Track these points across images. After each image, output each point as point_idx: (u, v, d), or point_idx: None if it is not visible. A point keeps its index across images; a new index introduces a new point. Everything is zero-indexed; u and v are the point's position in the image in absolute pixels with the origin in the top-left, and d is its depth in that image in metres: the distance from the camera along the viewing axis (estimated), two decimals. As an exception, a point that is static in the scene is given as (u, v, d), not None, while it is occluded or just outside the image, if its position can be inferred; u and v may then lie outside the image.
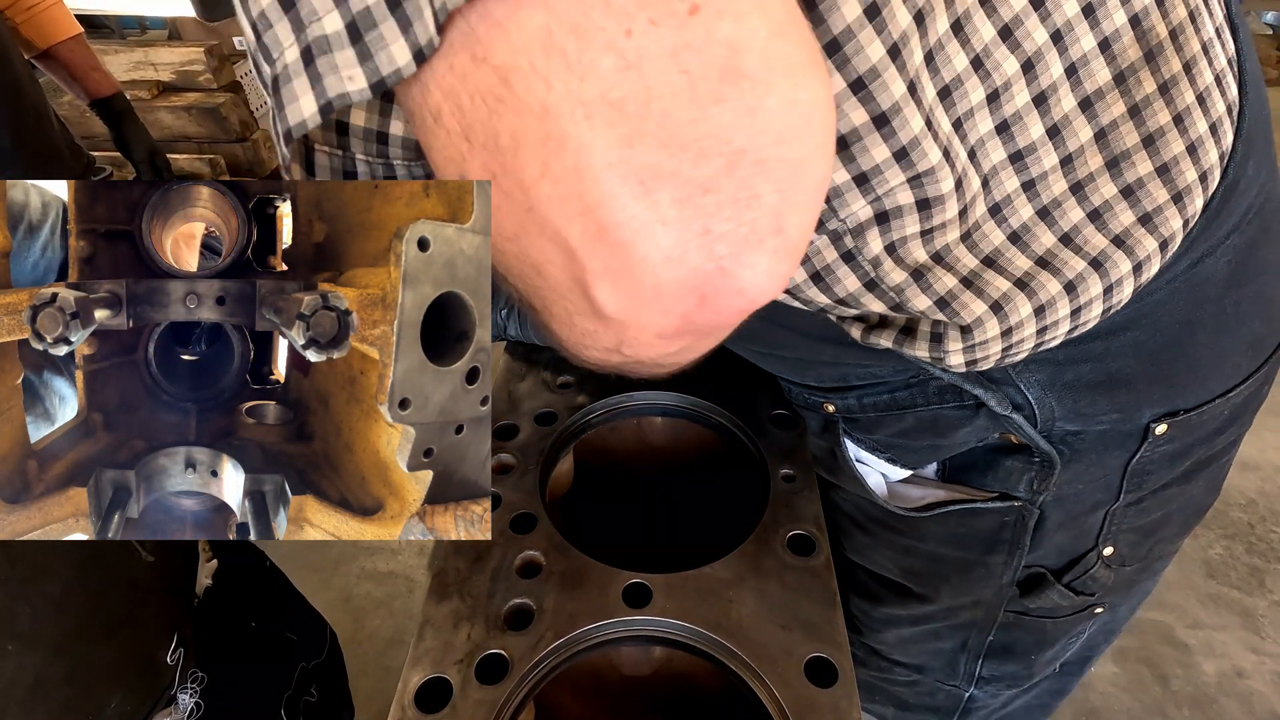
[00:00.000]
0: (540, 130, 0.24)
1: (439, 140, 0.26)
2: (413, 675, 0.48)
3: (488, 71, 0.24)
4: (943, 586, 0.72)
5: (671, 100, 0.23)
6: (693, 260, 0.25)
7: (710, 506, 0.82)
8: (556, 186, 0.25)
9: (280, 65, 0.26)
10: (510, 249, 0.28)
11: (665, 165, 0.24)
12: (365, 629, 1.76)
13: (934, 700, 0.87)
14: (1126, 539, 0.66)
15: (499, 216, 0.27)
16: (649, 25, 0.22)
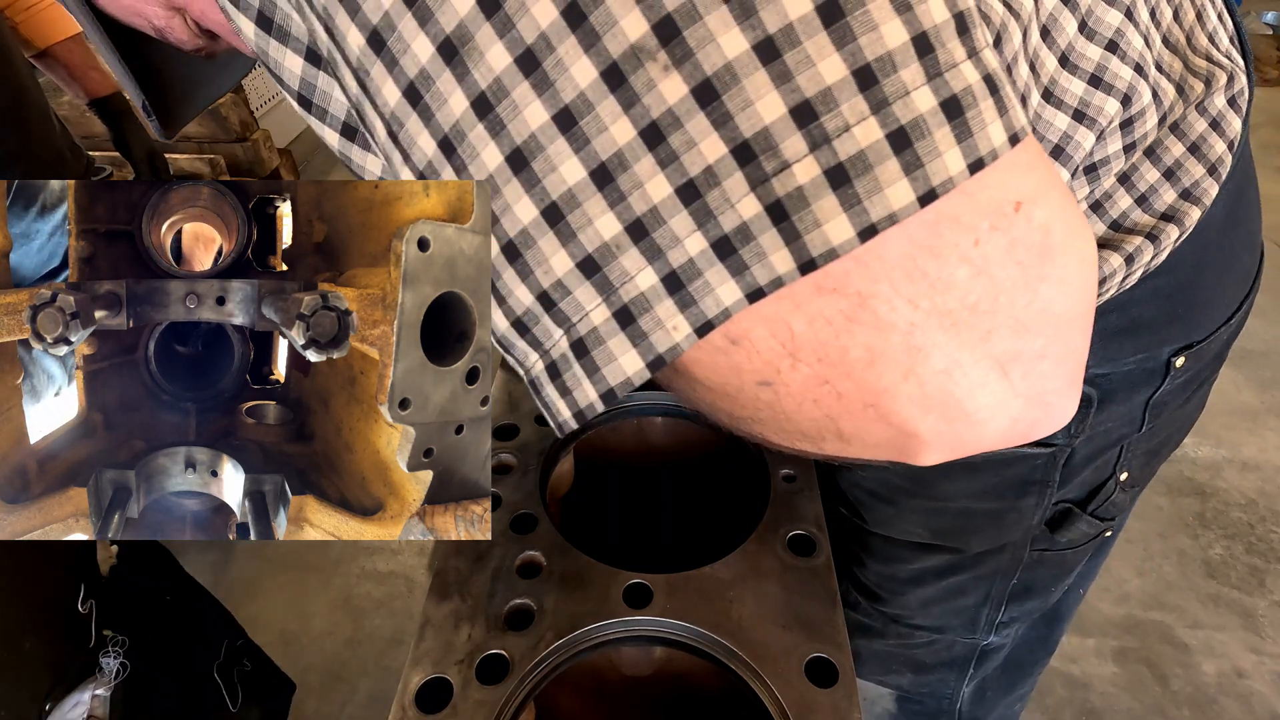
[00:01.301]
0: (905, 343, 0.27)
1: (732, 359, 0.29)
2: (413, 675, 0.48)
3: (838, 299, 0.26)
4: (974, 538, 0.74)
5: (1013, 291, 0.26)
6: (1030, 417, 0.29)
7: (710, 506, 0.82)
8: (921, 388, 0.27)
9: (584, 328, 0.28)
10: (806, 424, 0.31)
11: (1014, 348, 0.27)
12: (365, 629, 1.76)
13: (951, 654, 0.89)
14: (1138, 462, 0.70)
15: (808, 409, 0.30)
16: (990, 231, 0.26)
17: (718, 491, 0.81)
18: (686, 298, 0.27)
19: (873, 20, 0.23)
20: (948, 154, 0.24)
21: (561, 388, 0.31)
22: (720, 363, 0.29)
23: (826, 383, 0.29)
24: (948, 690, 0.95)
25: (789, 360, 0.29)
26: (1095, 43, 0.44)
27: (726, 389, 0.31)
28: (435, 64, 0.26)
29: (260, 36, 0.34)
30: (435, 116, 0.27)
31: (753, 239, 0.26)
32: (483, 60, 0.25)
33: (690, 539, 0.73)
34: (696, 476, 0.81)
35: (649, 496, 0.85)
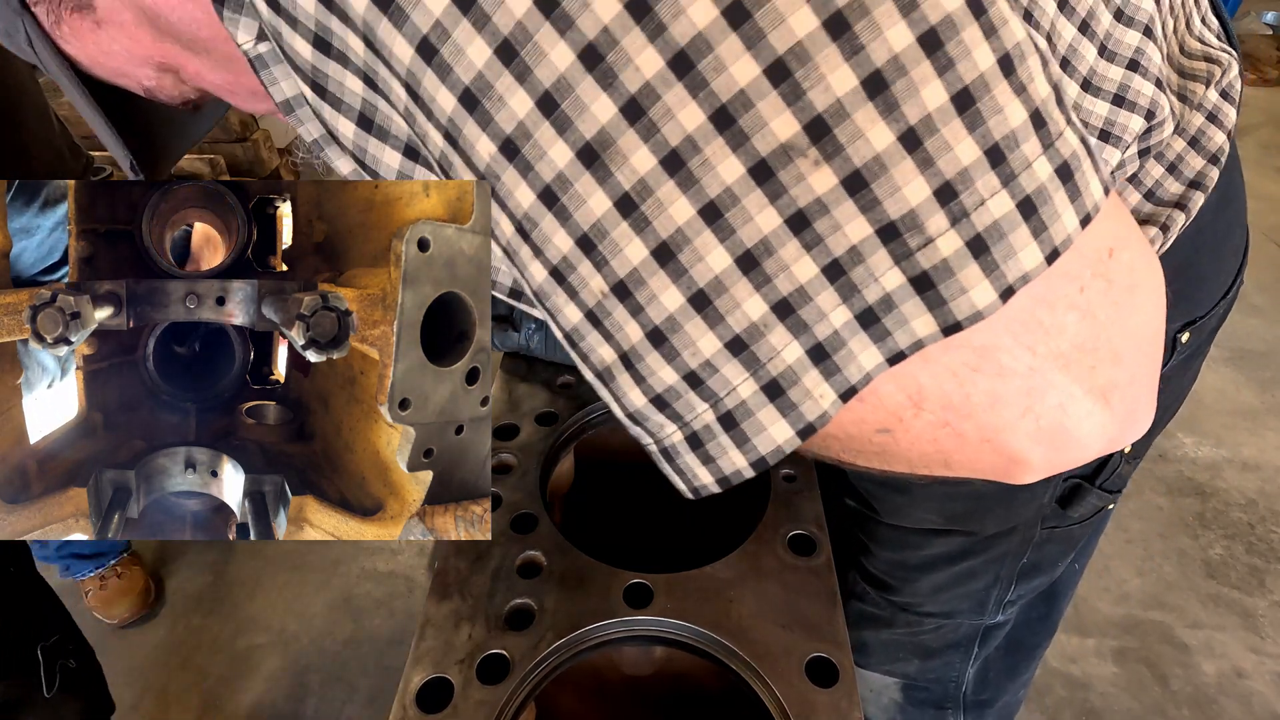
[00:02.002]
0: (1024, 385, 0.30)
1: (857, 414, 0.32)
2: (414, 675, 0.48)
3: (964, 352, 0.30)
4: (987, 519, 0.75)
5: (1110, 327, 0.30)
6: (1122, 434, 0.33)
7: (711, 506, 0.82)
8: (1037, 422, 0.31)
9: (732, 402, 0.31)
10: (916, 457, 0.34)
11: (1113, 377, 0.31)
12: (365, 629, 1.76)
13: (957, 636, 0.90)
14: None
15: (923, 447, 0.33)
16: (1092, 278, 0.29)
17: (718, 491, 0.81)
18: (831, 367, 0.30)
19: (998, 104, 0.26)
20: (1065, 214, 0.28)
21: (704, 456, 0.35)
22: (845, 419, 0.32)
23: (947, 425, 0.32)
24: (953, 674, 0.95)
25: (912, 410, 0.32)
26: (1116, 64, 0.45)
27: (841, 436, 0.34)
28: (574, 168, 0.28)
29: (360, 136, 0.37)
30: (573, 216, 0.29)
31: (895, 308, 0.28)
32: (626, 164, 0.27)
33: (690, 539, 0.73)
34: (696, 476, 0.81)
35: (649, 496, 0.85)
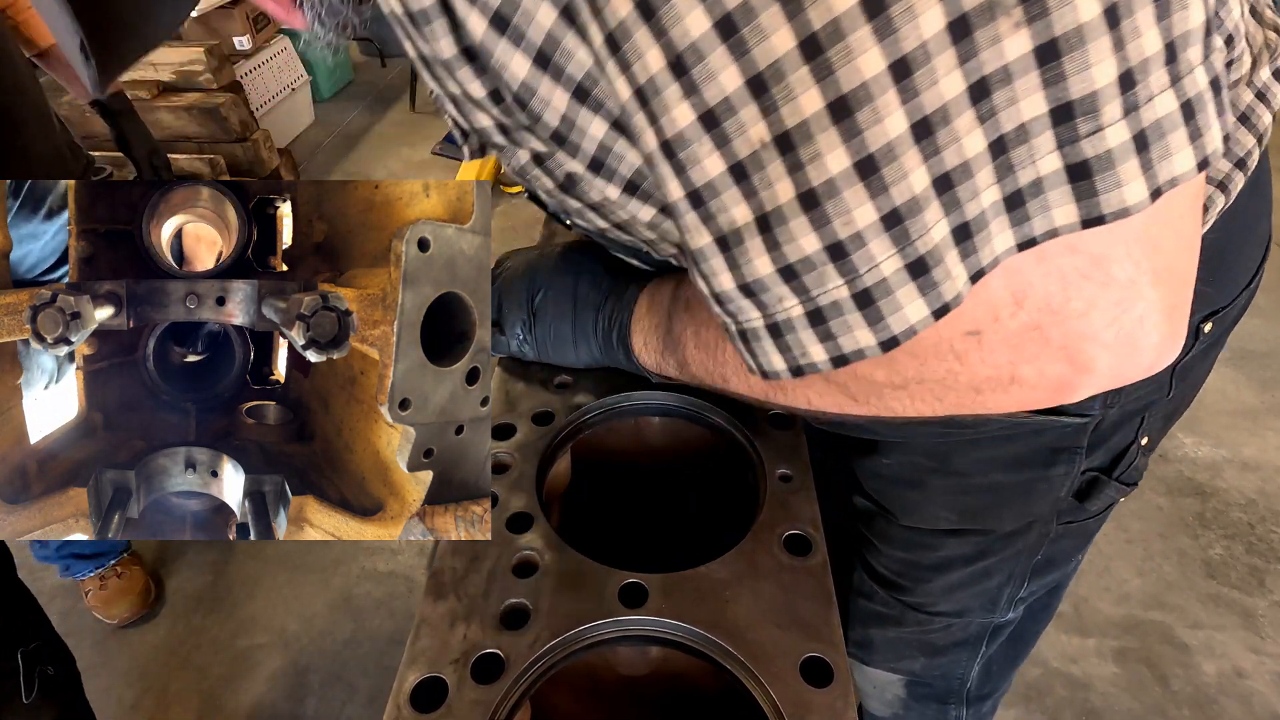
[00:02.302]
0: (1119, 296, 0.32)
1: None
2: (408, 675, 0.48)
3: (1079, 257, 0.31)
4: (1004, 514, 0.74)
5: (1188, 253, 0.33)
6: (1168, 354, 0.35)
7: (707, 506, 0.82)
8: (1118, 333, 0.33)
9: (872, 279, 0.30)
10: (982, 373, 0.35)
11: (1183, 298, 0.34)
12: (365, 629, 1.76)
13: (966, 634, 0.88)
14: (1157, 426, 0.71)
15: (999, 355, 0.34)
16: (1194, 200, 0.32)
17: (713, 491, 0.81)
18: (969, 248, 0.30)
19: (1185, 2, 0.26)
20: (1213, 127, 0.28)
21: (824, 333, 0.33)
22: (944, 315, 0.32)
23: (1037, 329, 0.32)
24: (959, 670, 0.94)
25: (1011, 309, 0.32)
26: None
27: (924, 344, 0.34)
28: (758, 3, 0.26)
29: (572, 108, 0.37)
30: (751, 52, 0.26)
31: (1043, 194, 0.29)
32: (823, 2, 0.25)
33: (686, 539, 0.73)
34: (692, 476, 0.82)
35: (645, 496, 0.85)
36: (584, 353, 0.67)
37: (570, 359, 0.69)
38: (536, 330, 0.67)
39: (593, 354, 0.67)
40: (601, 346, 0.66)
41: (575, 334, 0.66)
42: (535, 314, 0.67)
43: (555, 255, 0.69)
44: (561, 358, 0.69)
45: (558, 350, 0.68)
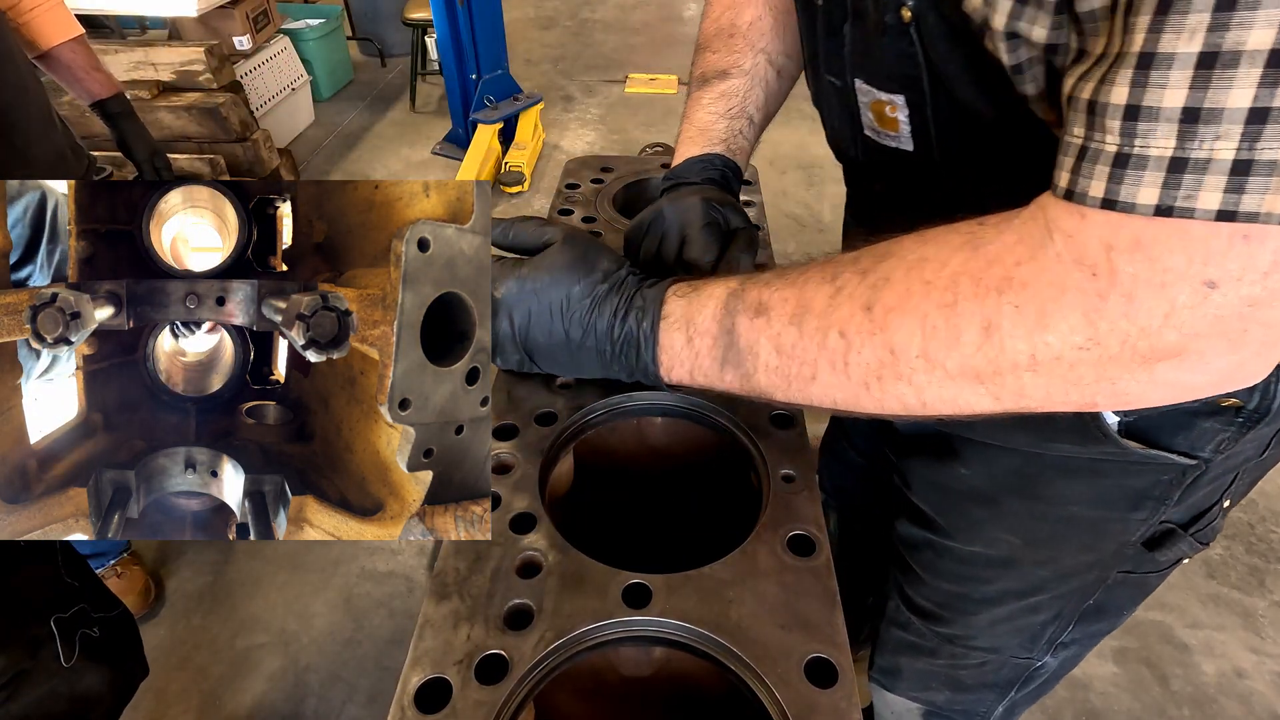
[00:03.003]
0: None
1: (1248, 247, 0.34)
2: (412, 676, 0.48)
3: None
4: (1065, 549, 0.71)
5: None
6: None
7: (710, 507, 0.82)
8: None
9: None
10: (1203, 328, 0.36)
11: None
12: (365, 629, 1.76)
13: (998, 676, 0.86)
14: (1241, 489, 0.69)
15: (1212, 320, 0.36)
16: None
17: (717, 492, 0.81)
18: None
19: None
20: None
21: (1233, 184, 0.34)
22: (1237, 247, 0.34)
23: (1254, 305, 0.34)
24: (982, 709, 0.92)
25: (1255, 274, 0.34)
26: None
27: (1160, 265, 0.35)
28: None
29: None
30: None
31: None
32: None
33: (689, 539, 0.73)
34: (696, 477, 0.81)
35: (648, 496, 0.85)
36: (593, 373, 0.63)
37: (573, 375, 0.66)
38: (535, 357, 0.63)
39: (598, 368, 0.62)
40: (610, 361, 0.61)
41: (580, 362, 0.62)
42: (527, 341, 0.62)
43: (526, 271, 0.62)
44: (564, 373, 0.66)
45: (561, 368, 0.64)
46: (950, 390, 0.45)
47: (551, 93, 4.34)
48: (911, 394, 0.46)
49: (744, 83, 0.82)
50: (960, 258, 0.44)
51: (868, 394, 0.48)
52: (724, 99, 0.82)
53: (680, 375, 0.58)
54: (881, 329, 0.46)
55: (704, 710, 0.70)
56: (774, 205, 3.24)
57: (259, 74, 3.52)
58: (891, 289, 0.46)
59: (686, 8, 5.88)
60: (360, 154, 3.82)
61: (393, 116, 4.18)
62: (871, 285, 0.47)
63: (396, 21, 4.29)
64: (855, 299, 0.47)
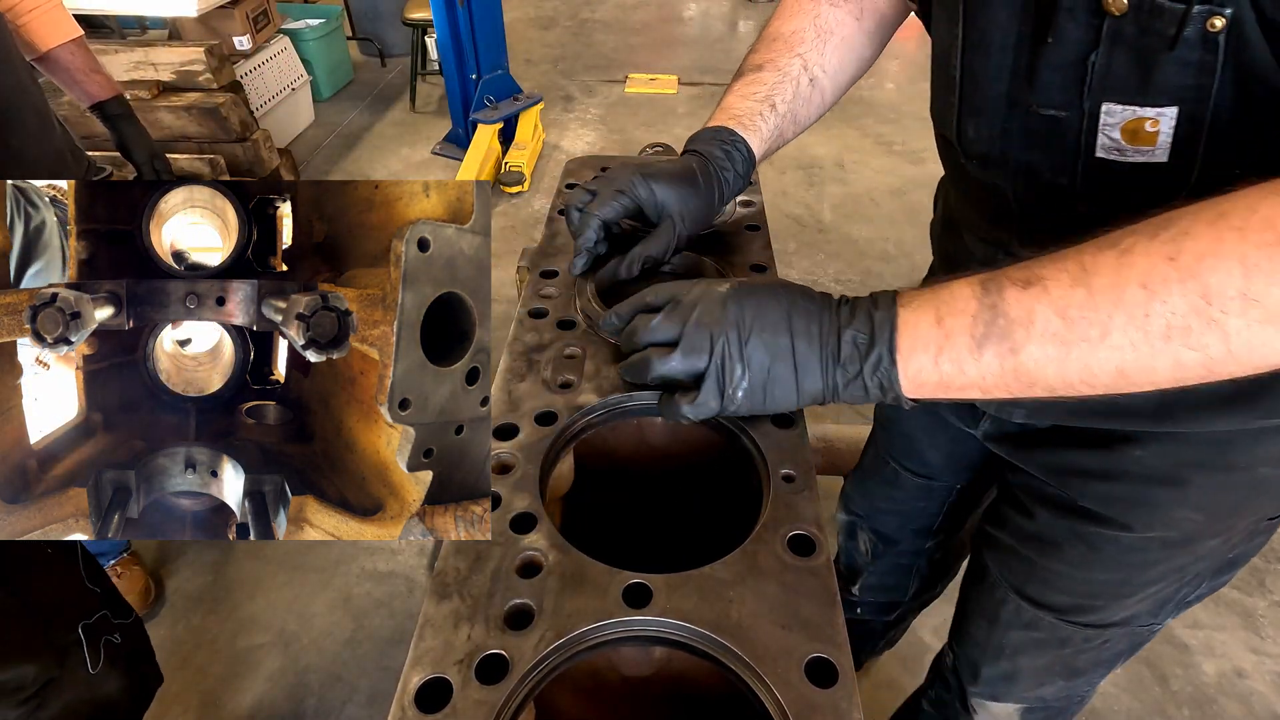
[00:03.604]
0: None
1: None
2: (413, 676, 0.48)
3: None
4: (1245, 514, 0.70)
5: None
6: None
7: (710, 506, 0.82)
8: None
9: None
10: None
11: None
12: (365, 629, 1.76)
13: (1114, 650, 0.85)
14: None
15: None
16: None
17: (717, 491, 0.81)
18: None
19: None
20: None
21: None
22: None
23: None
24: (1084, 690, 0.91)
25: None
26: None
27: None
28: None
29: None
30: None
31: None
32: None
33: (689, 539, 0.73)
34: (696, 476, 0.81)
35: (649, 496, 0.85)
36: (810, 387, 0.60)
37: (778, 403, 0.61)
38: (750, 377, 0.60)
39: (821, 391, 0.60)
40: (838, 379, 0.59)
41: (798, 370, 0.59)
42: (748, 355, 0.59)
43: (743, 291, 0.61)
44: (764, 404, 0.61)
45: (772, 394, 0.60)
46: (1263, 334, 0.44)
47: (551, 93, 4.34)
48: (1218, 343, 0.45)
49: (774, 75, 0.85)
50: (1270, 203, 0.43)
51: (1165, 348, 0.46)
52: (751, 85, 0.86)
53: (921, 364, 0.55)
54: (1192, 275, 0.45)
55: (704, 710, 0.70)
56: (774, 205, 3.24)
57: (259, 74, 3.52)
58: (1195, 240, 0.45)
59: (686, 8, 5.88)
60: (360, 154, 3.82)
61: (393, 116, 4.18)
62: (1169, 240, 0.46)
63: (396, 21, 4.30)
64: (1152, 254, 0.46)
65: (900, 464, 1.06)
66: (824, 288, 2.93)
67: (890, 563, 1.19)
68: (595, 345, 0.75)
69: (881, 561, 1.19)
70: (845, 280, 2.85)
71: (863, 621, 1.34)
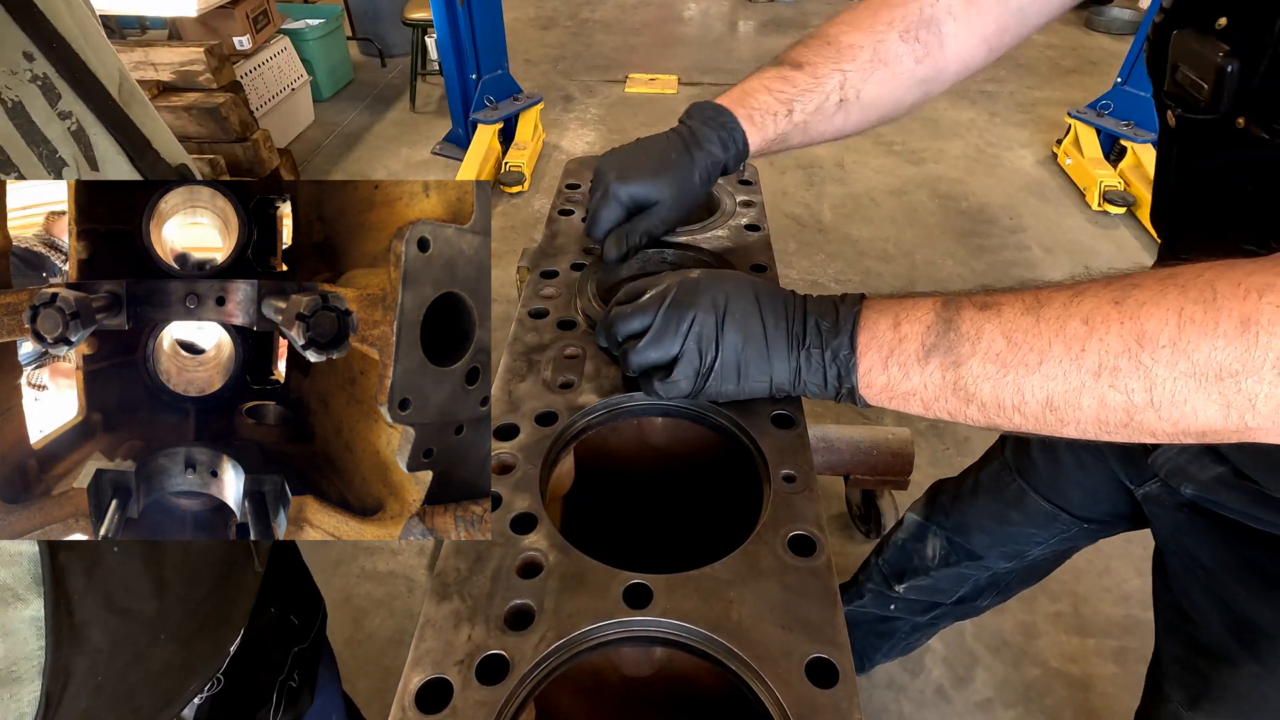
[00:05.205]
0: None
1: None
2: (413, 676, 0.48)
3: None
4: None
5: None
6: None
7: (710, 507, 0.82)
8: None
9: None
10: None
11: None
12: (365, 629, 1.76)
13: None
14: None
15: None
16: None
17: (718, 492, 0.81)
18: None
19: None
20: None
21: None
22: None
23: None
24: None
25: None
26: None
27: None
28: None
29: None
30: None
31: None
32: None
33: (690, 539, 0.73)
34: (696, 477, 0.81)
35: (649, 496, 0.85)
36: (779, 369, 0.61)
37: (752, 385, 0.63)
38: (723, 358, 0.62)
39: (787, 374, 0.61)
40: (802, 361, 0.61)
41: (770, 352, 0.61)
42: (720, 337, 0.61)
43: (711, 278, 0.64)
44: (737, 386, 0.63)
45: (746, 375, 0.62)
46: (1184, 390, 0.46)
47: (551, 93, 4.34)
48: (1142, 390, 0.47)
49: (806, 82, 0.83)
50: (1215, 270, 0.46)
51: (1094, 385, 0.49)
52: (778, 82, 0.83)
53: (873, 362, 0.57)
54: (1132, 318, 0.47)
55: (704, 710, 0.70)
56: (774, 205, 3.24)
57: (259, 74, 3.52)
58: (1141, 290, 0.48)
59: (686, 8, 5.88)
60: (360, 154, 3.82)
61: (393, 116, 4.18)
62: (1119, 288, 0.49)
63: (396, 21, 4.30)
64: (1101, 296, 0.49)
65: (1032, 487, 1.01)
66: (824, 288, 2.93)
67: (955, 572, 1.15)
68: (595, 345, 0.75)
69: (948, 570, 1.15)
70: (845, 280, 2.85)
71: (891, 618, 1.30)
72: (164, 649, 0.62)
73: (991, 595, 1.19)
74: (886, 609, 1.28)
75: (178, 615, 0.62)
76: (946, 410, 0.55)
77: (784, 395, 0.63)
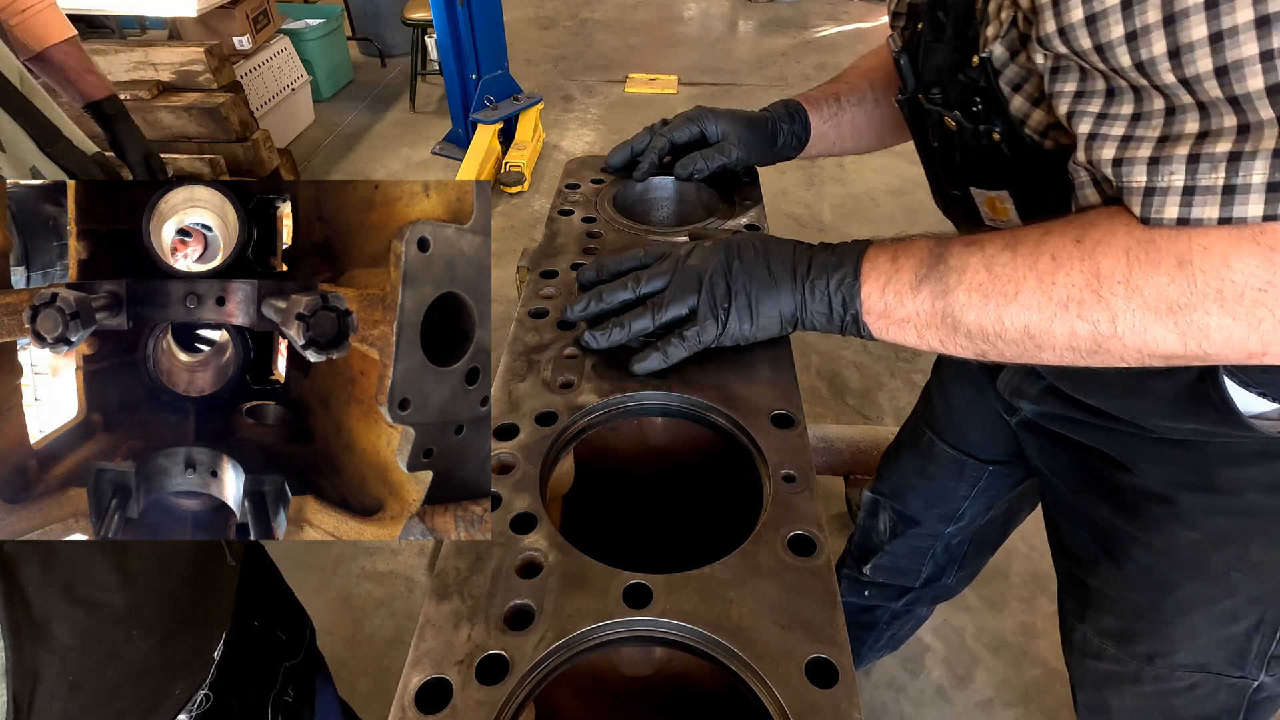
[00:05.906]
0: None
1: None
2: (413, 676, 0.48)
3: None
4: (1252, 544, 0.71)
5: None
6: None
7: (710, 506, 0.82)
8: None
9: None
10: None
11: None
12: (365, 629, 1.76)
13: (1214, 704, 0.82)
14: None
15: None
16: None
17: (717, 491, 0.81)
18: None
19: None
20: None
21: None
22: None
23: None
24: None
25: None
26: None
27: None
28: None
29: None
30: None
31: None
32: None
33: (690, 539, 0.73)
34: (696, 476, 0.81)
35: (649, 496, 0.85)
36: (785, 302, 0.67)
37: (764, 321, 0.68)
38: (736, 299, 0.67)
39: (793, 305, 0.67)
40: (807, 293, 0.66)
41: (776, 285, 0.67)
42: (731, 280, 0.68)
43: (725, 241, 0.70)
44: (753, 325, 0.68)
45: (758, 312, 0.67)
46: (1143, 321, 0.51)
47: (551, 93, 4.34)
48: (1106, 320, 0.52)
49: (847, 87, 1.03)
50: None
51: (1064, 316, 0.54)
52: (829, 84, 1.05)
53: (871, 290, 0.63)
54: (1089, 256, 0.53)
55: (704, 710, 0.70)
56: (774, 205, 3.24)
57: (259, 74, 3.52)
58: (1095, 228, 0.54)
59: (686, 8, 5.89)
60: (360, 154, 3.82)
61: (393, 116, 4.18)
62: (1079, 225, 0.55)
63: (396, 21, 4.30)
64: (1065, 234, 0.55)
65: (938, 435, 1.09)
66: (824, 288, 2.88)
67: (907, 544, 1.20)
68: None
69: (898, 542, 1.20)
70: (845, 280, 2.85)
71: (869, 608, 1.34)
72: (139, 645, 0.61)
73: (954, 571, 1.25)
74: (861, 596, 1.32)
75: (151, 609, 0.62)
76: (938, 339, 0.61)
77: (792, 330, 0.69)
